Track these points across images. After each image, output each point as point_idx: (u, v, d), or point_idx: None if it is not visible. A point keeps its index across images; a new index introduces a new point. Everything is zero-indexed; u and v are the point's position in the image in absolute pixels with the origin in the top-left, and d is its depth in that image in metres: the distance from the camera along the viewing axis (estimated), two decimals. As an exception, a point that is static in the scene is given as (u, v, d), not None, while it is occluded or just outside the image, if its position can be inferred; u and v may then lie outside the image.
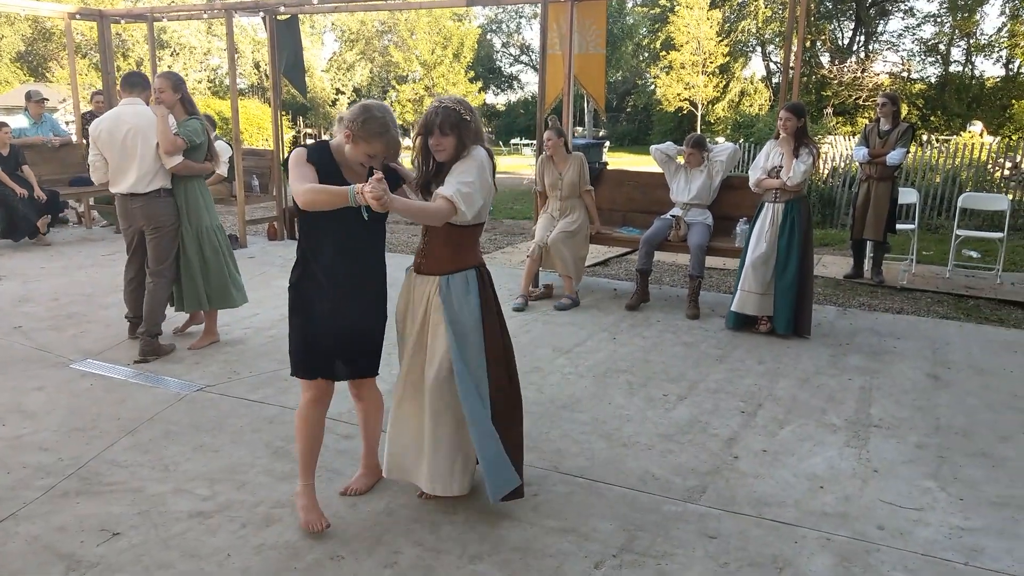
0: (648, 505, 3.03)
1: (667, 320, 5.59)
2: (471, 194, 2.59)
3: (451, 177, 2.62)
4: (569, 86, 6.52)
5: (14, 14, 31.00)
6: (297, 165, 2.63)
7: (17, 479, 3.16)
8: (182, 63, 32.91)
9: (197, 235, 4.77)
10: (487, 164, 2.70)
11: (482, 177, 2.65)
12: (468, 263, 2.80)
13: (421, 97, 35.46)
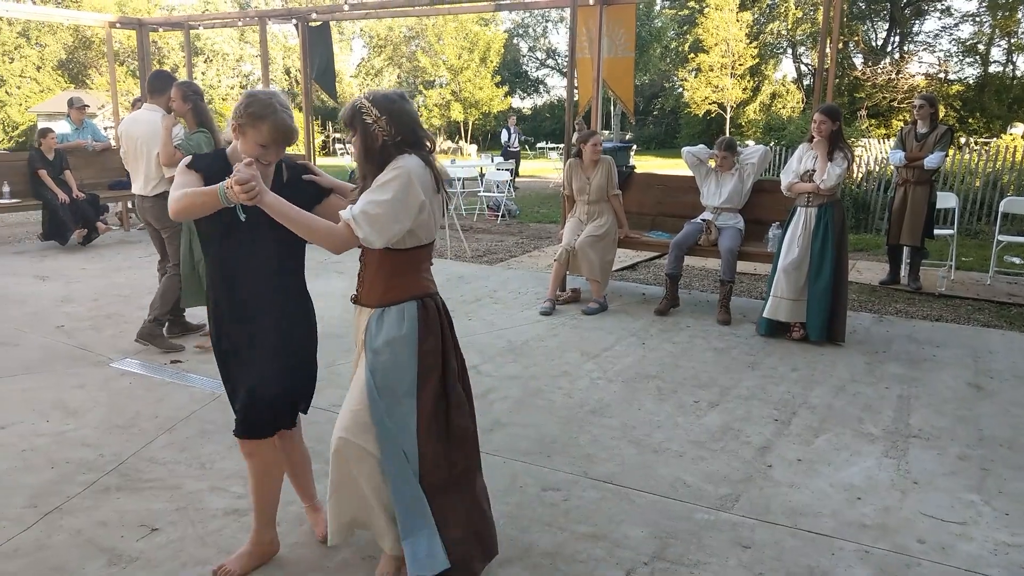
0: (680, 513, 3.01)
1: (697, 325, 5.55)
2: (379, 216, 2.15)
3: (365, 193, 2.21)
4: (598, 89, 6.52)
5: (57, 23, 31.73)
6: (178, 174, 2.35)
7: (61, 474, 3.23)
8: (215, 69, 33.45)
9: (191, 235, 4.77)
10: (414, 179, 2.20)
11: (403, 196, 2.18)
12: (407, 293, 2.33)
13: (448, 102, 35.65)
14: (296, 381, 2.52)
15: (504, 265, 7.98)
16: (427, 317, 2.32)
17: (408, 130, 2.25)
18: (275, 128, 2.28)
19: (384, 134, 2.22)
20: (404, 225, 2.21)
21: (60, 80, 38.48)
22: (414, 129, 2.27)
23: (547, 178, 18.79)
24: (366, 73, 37.87)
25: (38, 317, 5.62)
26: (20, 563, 2.61)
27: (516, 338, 5.20)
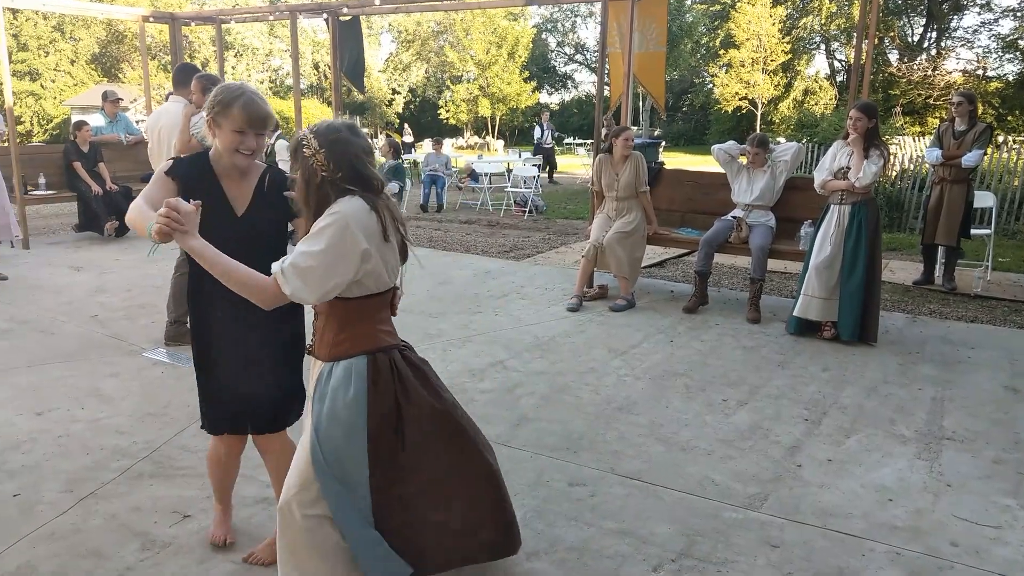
0: (708, 511, 2.99)
1: (726, 324, 5.51)
2: (311, 269, 1.90)
3: (299, 243, 1.98)
4: (628, 84, 6.47)
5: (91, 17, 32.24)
6: (153, 179, 2.28)
7: (96, 460, 3.29)
8: (245, 64, 33.79)
9: None
10: (352, 224, 1.93)
11: (339, 245, 1.91)
12: (357, 348, 2.08)
13: (475, 97, 35.66)
14: (253, 392, 2.45)
15: (531, 261, 7.97)
16: (378, 376, 2.05)
17: (349, 167, 1.98)
18: (245, 110, 2.24)
19: (323, 170, 1.97)
20: (343, 278, 1.95)
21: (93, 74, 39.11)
22: (357, 167, 2.00)
23: (574, 174, 18.73)
24: (394, 68, 37.99)
25: (73, 307, 5.73)
26: (57, 546, 2.66)
27: (543, 334, 5.20)
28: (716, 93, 31.04)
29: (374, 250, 1.98)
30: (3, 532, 2.74)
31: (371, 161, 2.07)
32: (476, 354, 4.78)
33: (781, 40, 28.93)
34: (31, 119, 33.16)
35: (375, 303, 2.08)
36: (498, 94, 35.21)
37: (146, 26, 10.17)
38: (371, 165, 2.05)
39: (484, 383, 4.29)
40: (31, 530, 2.75)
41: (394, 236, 2.04)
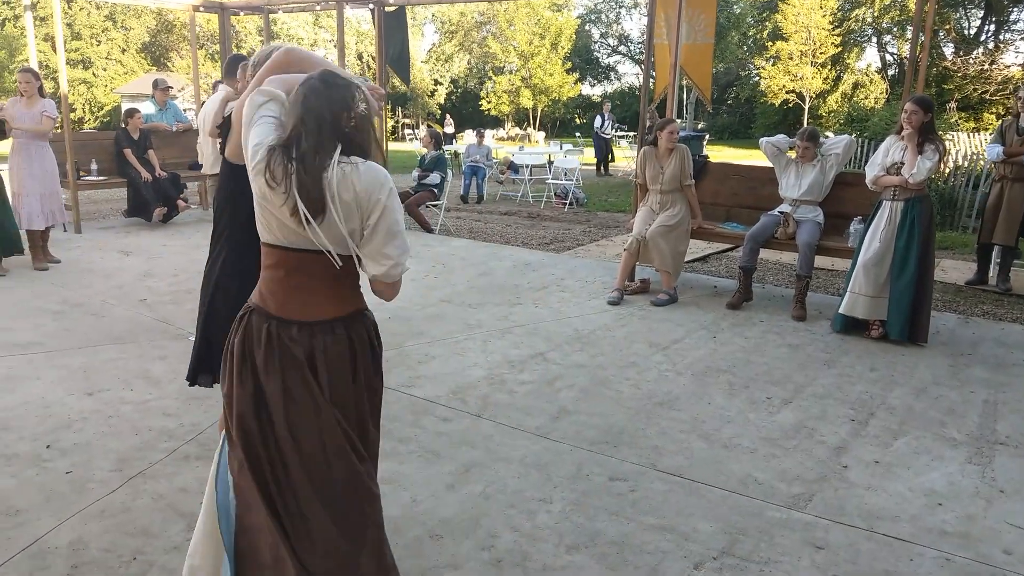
0: (750, 509, 2.95)
1: (771, 320, 5.41)
2: None
3: None
4: (675, 76, 6.40)
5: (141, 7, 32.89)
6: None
7: (144, 441, 3.37)
8: (291, 53, 34.15)
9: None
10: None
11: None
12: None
13: (517, 88, 35.60)
14: None
15: (571, 253, 7.94)
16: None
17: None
18: (287, 55, 2.27)
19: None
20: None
21: (143, 62, 39.92)
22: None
23: (616, 166, 18.59)
24: (436, 58, 38.08)
25: (123, 290, 5.86)
26: (107, 523, 2.73)
27: (583, 327, 5.17)
28: (762, 86, 30.51)
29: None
30: (57, 508, 2.81)
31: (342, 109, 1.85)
32: (516, 345, 4.77)
33: (831, 32, 28.30)
34: (83, 106, 34.00)
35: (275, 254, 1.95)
36: (540, 85, 35.10)
37: (196, 16, 10.32)
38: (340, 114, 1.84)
39: (524, 375, 4.29)
40: (83, 507, 2.83)
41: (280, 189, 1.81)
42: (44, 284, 5.99)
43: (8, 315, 5.12)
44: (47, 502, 2.86)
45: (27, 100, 6.46)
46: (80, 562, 2.51)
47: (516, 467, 3.21)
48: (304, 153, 1.80)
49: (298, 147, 1.81)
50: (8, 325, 4.89)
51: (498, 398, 3.93)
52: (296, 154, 1.80)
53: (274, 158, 1.81)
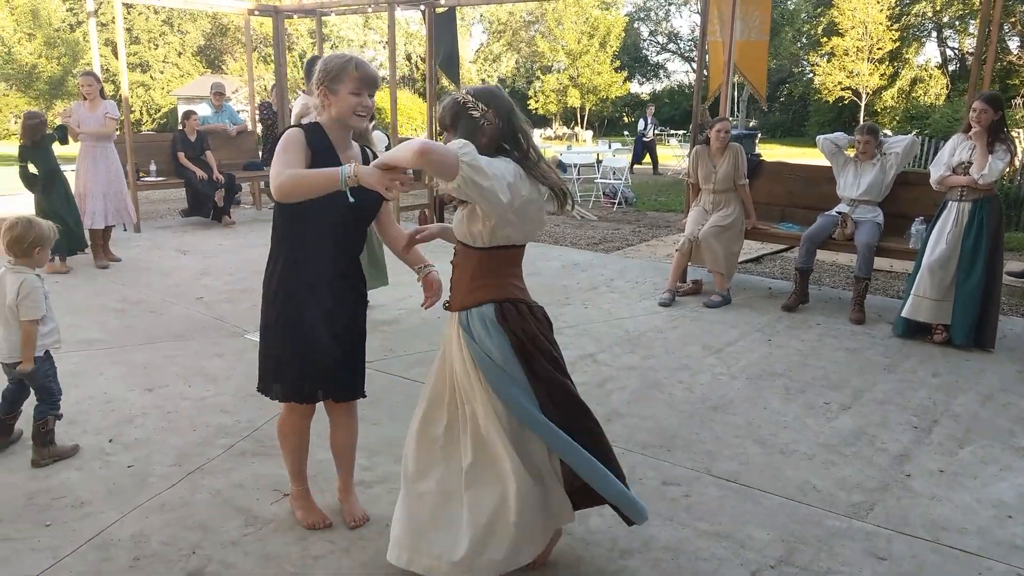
0: (809, 517, 2.87)
1: (828, 323, 5.28)
2: (483, 171, 2.02)
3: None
4: (728, 74, 6.29)
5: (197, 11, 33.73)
6: (288, 149, 2.29)
7: (202, 436, 3.44)
8: (341, 55, 34.65)
9: None
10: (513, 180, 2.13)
11: (503, 176, 2.08)
12: (487, 296, 2.27)
13: (565, 87, 35.47)
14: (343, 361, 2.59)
15: (621, 254, 7.87)
16: (504, 321, 2.24)
17: (508, 122, 2.19)
18: (359, 71, 2.33)
19: (490, 126, 2.16)
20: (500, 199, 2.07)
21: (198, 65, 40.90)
22: (514, 121, 2.21)
23: (666, 165, 18.38)
24: (484, 59, 38.20)
25: (180, 289, 6.00)
26: (167, 517, 2.79)
27: (634, 328, 5.11)
28: (817, 83, 29.83)
29: (517, 206, 2.14)
30: (120, 501, 2.89)
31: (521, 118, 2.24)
32: (565, 346, 4.66)
33: (889, 28, 27.53)
34: (141, 109, 34.99)
35: (506, 256, 2.26)
36: (588, 84, 34.91)
37: (250, 19, 10.53)
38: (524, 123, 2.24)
39: (574, 376, 4.13)
40: (144, 500, 2.90)
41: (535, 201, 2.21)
42: (106, 282, 6.17)
43: (73, 311, 5.28)
44: (110, 495, 2.94)
45: (90, 103, 6.67)
46: (142, 554, 2.57)
47: (568, 469, 3.18)
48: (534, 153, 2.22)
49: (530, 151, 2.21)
50: (73, 321, 5.04)
51: (549, 399, 3.90)
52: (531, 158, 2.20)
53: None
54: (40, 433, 3.15)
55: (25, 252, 3.10)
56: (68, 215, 6.33)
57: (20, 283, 3.06)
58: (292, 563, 2.53)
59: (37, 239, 3.09)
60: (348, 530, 2.72)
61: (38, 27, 28.53)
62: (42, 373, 3.18)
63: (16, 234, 3.07)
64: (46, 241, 3.13)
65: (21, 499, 2.90)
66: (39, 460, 3.14)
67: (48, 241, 3.15)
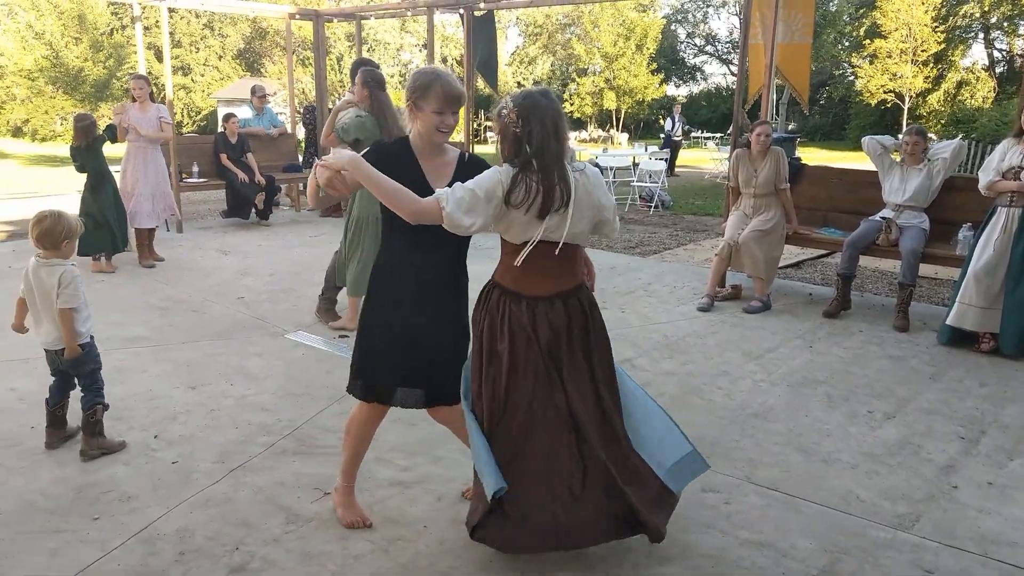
0: (853, 528, 2.82)
1: (871, 330, 5.18)
2: (461, 199, 2.26)
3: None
4: (770, 77, 6.21)
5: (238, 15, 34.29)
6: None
7: (244, 435, 3.49)
8: (377, 58, 34.94)
9: (353, 221, 4.89)
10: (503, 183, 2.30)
11: (485, 190, 2.28)
12: (494, 279, 2.54)
13: (601, 90, 35.36)
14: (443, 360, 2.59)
15: (658, 258, 7.82)
16: (485, 305, 2.49)
17: (540, 125, 2.30)
18: (443, 90, 2.40)
19: (514, 126, 2.31)
20: (480, 217, 2.27)
21: (238, 68, 41.55)
22: (547, 126, 2.31)
23: (703, 168, 18.24)
24: (520, 61, 38.20)
25: (221, 288, 6.10)
26: (211, 512, 2.84)
27: (672, 333, 5.07)
28: (859, 85, 29.30)
29: (511, 210, 2.30)
30: (165, 496, 2.95)
31: (562, 123, 2.32)
32: (603, 350, 4.71)
33: (934, 29, 26.94)
34: (182, 111, 35.70)
35: (511, 251, 2.42)
36: (624, 87, 34.75)
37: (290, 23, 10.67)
38: (560, 127, 2.31)
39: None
40: (188, 496, 2.95)
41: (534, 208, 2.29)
42: (150, 281, 6.30)
43: (119, 310, 5.40)
44: (155, 490, 3.00)
45: (140, 105, 6.82)
46: (187, 549, 2.61)
47: (606, 474, 3.17)
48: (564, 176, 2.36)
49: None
50: (119, 320, 5.16)
51: (587, 403, 3.89)
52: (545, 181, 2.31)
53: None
54: (89, 423, 3.23)
55: (55, 244, 3.17)
56: (115, 215, 6.48)
57: (60, 274, 3.14)
58: (333, 562, 2.56)
59: (66, 231, 3.17)
60: (387, 531, 2.73)
61: (84, 31, 29.23)
62: (91, 358, 3.27)
63: (45, 227, 3.14)
64: (73, 233, 3.21)
65: (71, 493, 2.97)
66: (87, 450, 3.21)
67: (75, 233, 3.23)
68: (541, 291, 2.42)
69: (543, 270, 2.41)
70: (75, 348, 3.19)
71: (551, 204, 2.30)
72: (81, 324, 3.22)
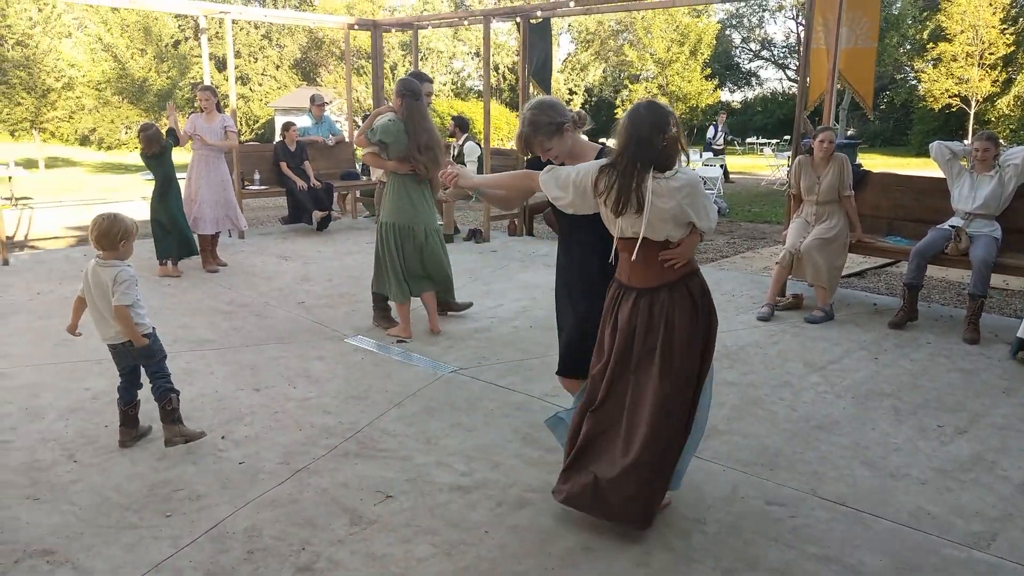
0: (924, 545, 2.74)
1: (939, 342, 5.03)
2: (558, 177, 2.74)
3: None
4: (832, 82, 6.07)
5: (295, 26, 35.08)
6: (512, 173, 3.05)
7: (307, 436, 3.56)
8: (430, 66, 35.32)
9: (380, 227, 5.11)
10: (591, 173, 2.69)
11: (581, 176, 2.69)
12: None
13: (654, 96, 35.10)
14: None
15: (715, 265, 7.71)
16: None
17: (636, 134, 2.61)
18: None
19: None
20: (576, 197, 2.68)
21: (295, 77, 42.45)
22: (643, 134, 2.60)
23: (759, 175, 17.95)
24: (572, 68, 38.18)
25: (283, 293, 6.24)
26: (278, 512, 2.90)
27: (732, 343, 5.00)
28: (922, 90, 28.47)
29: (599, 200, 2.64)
30: (233, 495, 3.02)
31: (656, 134, 2.54)
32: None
33: (1002, 31, 26.02)
34: (240, 120, 36.70)
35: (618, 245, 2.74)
36: (677, 92, 34.45)
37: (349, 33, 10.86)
38: (653, 138, 2.53)
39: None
40: (255, 496, 3.02)
41: (609, 203, 2.60)
42: (214, 285, 6.47)
43: (186, 313, 5.57)
44: (224, 489, 3.07)
45: (207, 115, 7.03)
46: (255, 548, 2.68)
47: (667, 484, 3.14)
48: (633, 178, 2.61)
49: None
50: (186, 323, 5.32)
51: (645, 412, 3.86)
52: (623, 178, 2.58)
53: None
54: (166, 411, 3.33)
55: (112, 245, 3.28)
56: (183, 221, 6.69)
57: (116, 273, 3.25)
58: (396, 564, 2.59)
59: (123, 232, 3.28)
60: (448, 535, 2.75)
61: (149, 43, 30.27)
62: (158, 347, 3.40)
63: (103, 229, 3.26)
64: (130, 234, 3.32)
65: (144, 489, 3.07)
66: (171, 439, 3.31)
67: (132, 234, 3.33)
68: (628, 282, 2.72)
69: (625, 263, 2.70)
70: (140, 339, 3.30)
71: (620, 204, 2.56)
72: (139, 317, 3.32)
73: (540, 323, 5.37)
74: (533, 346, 4.91)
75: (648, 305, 2.64)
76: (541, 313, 5.61)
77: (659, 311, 2.63)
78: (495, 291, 6.23)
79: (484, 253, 7.96)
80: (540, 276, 6.84)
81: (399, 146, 4.89)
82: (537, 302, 5.93)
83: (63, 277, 6.53)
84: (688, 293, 2.67)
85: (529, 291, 6.30)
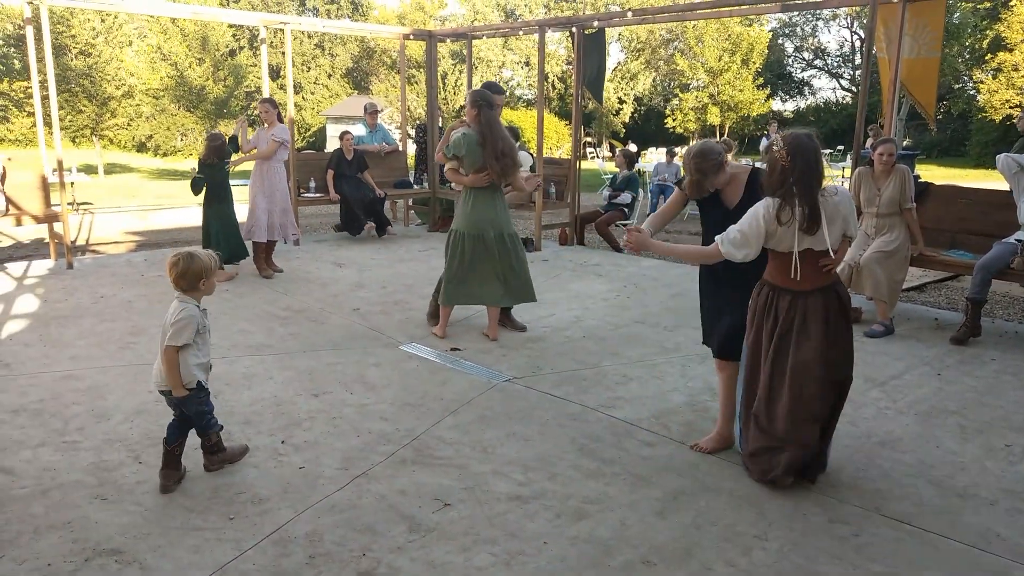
0: (994, 567, 2.66)
1: (1005, 359, 4.87)
2: (734, 239, 3.09)
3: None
4: (894, 93, 5.96)
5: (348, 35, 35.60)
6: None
7: (365, 443, 3.61)
8: (480, 75, 35.61)
9: (449, 234, 5.23)
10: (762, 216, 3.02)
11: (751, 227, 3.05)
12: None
13: (704, 105, 34.79)
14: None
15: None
16: (756, 299, 3.21)
17: (803, 161, 2.91)
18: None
19: (782, 161, 2.91)
20: (752, 248, 3.03)
21: (346, 86, 43.17)
22: (810, 162, 2.92)
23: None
24: (621, 77, 38.10)
25: (338, 300, 6.34)
26: (337, 518, 2.95)
27: (788, 355, 4.91)
28: (981, 101, 27.67)
29: (774, 230, 2.98)
30: (294, 500, 3.08)
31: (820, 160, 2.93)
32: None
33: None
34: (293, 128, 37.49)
35: (778, 257, 3.09)
36: (729, 102, 34.08)
37: (397, 43, 11.01)
38: (820, 163, 2.92)
39: None
40: (315, 501, 3.07)
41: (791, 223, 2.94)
42: (271, 291, 6.61)
43: (244, 319, 5.70)
44: (285, 493, 3.13)
45: (268, 127, 7.20)
46: (316, 553, 2.72)
47: (726, 499, 3.11)
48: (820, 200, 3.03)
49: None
50: (245, 328, 5.44)
51: (702, 426, 3.82)
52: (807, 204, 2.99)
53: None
54: (205, 447, 3.29)
55: (192, 286, 3.13)
56: (231, 226, 6.87)
57: (181, 310, 3.13)
58: (456, 572, 2.61)
59: (201, 271, 3.15)
60: (508, 544, 2.76)
61: (207, 52, 31.13)
62: (196, 402, 3.18)
63: (180, 270, 3.13)
64: (210, 271, 3.18)
65: (208, 492, 3.14)
66: (209, 467, 3.31)
67: (211, 271, 3.18)
68: (784, 284, 3.09)
69: (784, 269, 3.09)
70: (180, 388, 3.11)
71: (814, 225, 2.92)
72: (187, 366, 3.12)
73: (593, 333, 5.36)
74: (587, 356, 4.90)
75: (803, 305, 3.05)
76: (593, 323, 5.60)
77: (815, 310, 3.03)
78: (547, 300, 6.24)
79: (535, 262, 7.96)
80: (592, 286, 6.83)
81: (473, 157, 4.99)
82: (590, 312, 5.93)
83: (124, 282, 6.73)
84: (837, 295, 3.09)
85: (581, 301, 6.29)
